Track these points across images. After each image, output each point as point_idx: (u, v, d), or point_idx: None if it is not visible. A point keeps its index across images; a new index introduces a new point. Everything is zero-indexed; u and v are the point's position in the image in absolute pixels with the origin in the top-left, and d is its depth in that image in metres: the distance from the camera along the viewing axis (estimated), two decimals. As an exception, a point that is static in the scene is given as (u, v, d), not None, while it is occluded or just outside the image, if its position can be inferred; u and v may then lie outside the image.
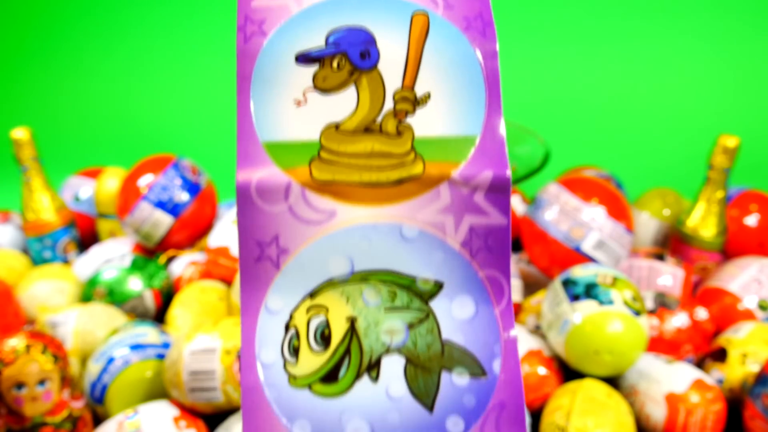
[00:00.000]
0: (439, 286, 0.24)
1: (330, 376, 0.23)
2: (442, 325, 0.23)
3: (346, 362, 0.23)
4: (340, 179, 0.23)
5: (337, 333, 0.23)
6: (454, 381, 0.23)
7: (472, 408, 0.23)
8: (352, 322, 0.23)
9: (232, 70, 0.25)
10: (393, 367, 0.23)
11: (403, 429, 0.23)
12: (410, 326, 0.23)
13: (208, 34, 1.16)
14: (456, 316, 0.23)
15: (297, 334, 0.23)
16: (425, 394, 0.23)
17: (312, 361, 0.23)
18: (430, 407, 0.23)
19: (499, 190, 0.24)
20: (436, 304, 0.24)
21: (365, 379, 0.23)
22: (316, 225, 0.23)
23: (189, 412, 0.45)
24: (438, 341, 0.23)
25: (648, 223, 0.69)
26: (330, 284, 0.24)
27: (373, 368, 0.23)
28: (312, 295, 0.24)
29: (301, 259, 0.23)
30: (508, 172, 0.23)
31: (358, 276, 0.24)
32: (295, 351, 0.23)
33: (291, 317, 0.23)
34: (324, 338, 0.23)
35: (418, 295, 0.24)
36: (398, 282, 0.24)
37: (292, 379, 0.23)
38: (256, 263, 0.23)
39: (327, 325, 0.23)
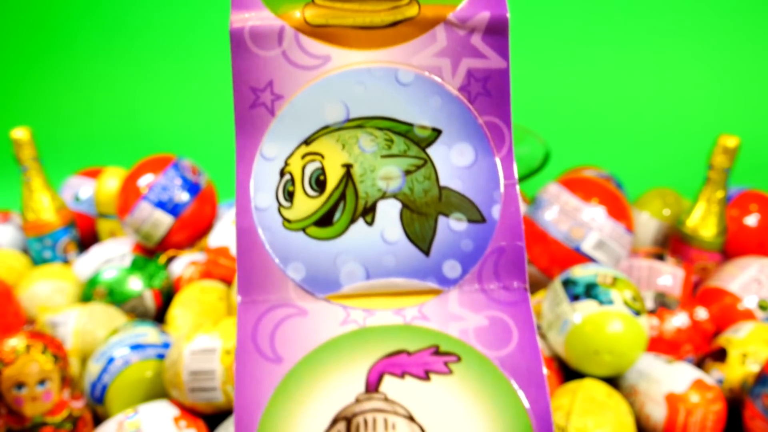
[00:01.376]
0: (437, 133, 0.23)
1: (324, 219, 0.23)
2: (440, 171, 0.23)
3: (341, 207, 0.23)
4: (334, 23, 0.23)
5: (333, 179, 0.23)
6: (452, 226, 0.23)
7: (470, 252, 0.23)
8: (348, 168, 0.23)
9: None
10: (389, 211, 0.23)
11: (398, 272, 0.22)
12: (407, 172, 0.23)
13: (208, 34, 1.16)
14: (455, 163, 0.23)
15: (292, 180, 0.23)
16: (421, 238, 0.23)
17: (307, 205, 0.23)
18: (427, 251, 0.23)
19: (497, 32, 0.23)
20: (434, 151, 0.23)
21: (360, 222, 0.23)
22: (310, 70, 0.23)
23: (189, 412, 0.45)
24: (435, 187, 0.23)
25: (648, 223, 0.69)
26: (325, 131, 0.23)
27: (368, 212, 0.23)
28: (307, 141, 0.23)
29: (296, 104, 0.23)
30: (506, 13, 0.23)
31: (353, 122, 0.23)
32: (289, 195, 0.23)
33: (286, 163, 0.23)
34: (319, 183, 0.23)
35: (416, 142, 0.23)
36: (395, 129, 0.23)
37: (287, 222, 0.23)
38: (250, 110, 0.23)
39: (322, 171, 0.23)
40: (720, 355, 0.52)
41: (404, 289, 0.23)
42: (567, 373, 0.51)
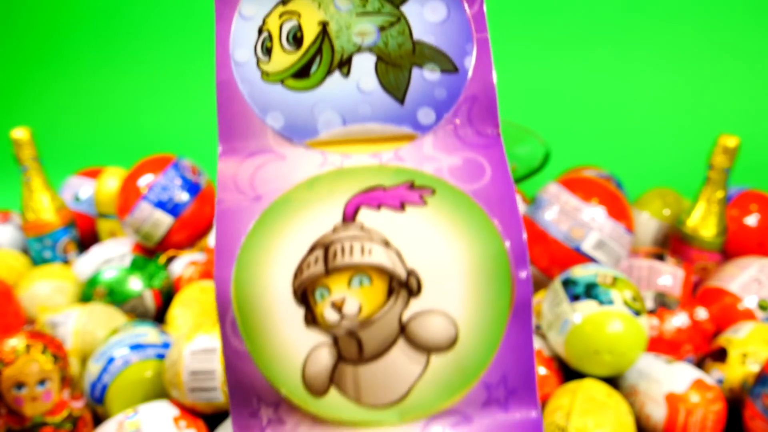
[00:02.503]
0: None
1: (302, 72, 0.24)
2: (413, 27, 0.24)
3: (318, 60, 0.24)
4: None
5: (309, 35, 0.24)
6: (425, 76, 0.23)
7: (443, 100, 0.23)
8: (324, 25, 0.24)
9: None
10: (364, 63, 0.23)
11: (374, 119, 0.23)
12: (381, 29, 0.23)
13: (208, 34, 1.16)
14: (428, 19, 0.24)
15: (270, 37, 0.24)
16: (396, 88, 0.23)
17: (284, 59, 0.24)
18: (401, 99, 0.23)
19: None
20: (407, 8, 0.24)
21: (336, 74, 0.24)
22: None
23: (189, 412, 0.45)
24: (409, 41, 0.24)
25: (648, 223, 0.69)
26: None
27: (344, 65, 0.24)
28: (284, 1, 0.24)
29: None
30: None
31: None
32: (267, 51, 0.24)
33: (264, 22, 0.24)
34: (296, 40, 0.24)
35: (389, 0, 0.24)
36: None
37: (265, 75, 0.24)
38: None
39: (299, 28, 0.24)
40: (720, 355, 0.52)
41: (380, 135, 0.23)
42: (567, 373, 0.51)
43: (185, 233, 0.66)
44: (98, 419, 0.49)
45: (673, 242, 0.66)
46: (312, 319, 0.21)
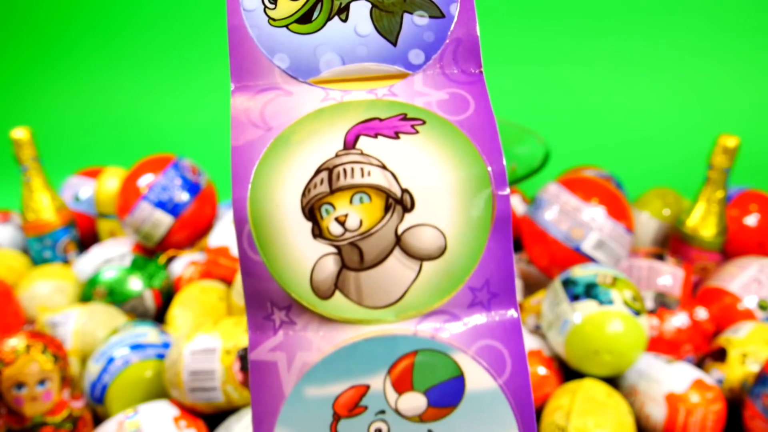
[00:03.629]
0: None
1: (304, 18, 0.26)
2: None
3: (319, 7, 0.26)
4: None
5: None
6: (415, 21, 0.26)
7: (432, 42, 0.26)
8: None
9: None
10: (360, 10, 0.26)
11: (370, 59, 0.26)
12: None
13: (209, 34, 1.16)
14: None
15: None
16: (389, 32, 0.26)
17: (288, 6, 0.26)
18: (394, 42, 0.26)
19: None
20: None
21: (336, 20, 0.26)
22: None
23: (189, 412, 0.45)
24: None
25: (648, 223, 0.69)
26: None
27: (342, 11, 0.26)
28: None
29: None
30: None
31: None
32: (273, 0, 0.26)
33: None
34: None
35: None
36: None
37: (272, 20, 0.26)
38: None
39: None
40: (720, 355, 0.52)
41: (375, 74, 0.26)
42: (567, 373, 0.51)
43: (185, 233, 0.66)
44: (98, 419, 0.49)
45: (673, 242, 0.66)
46: (318, 232, 0.24)
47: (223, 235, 0.64)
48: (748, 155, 0.73)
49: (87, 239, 0.75)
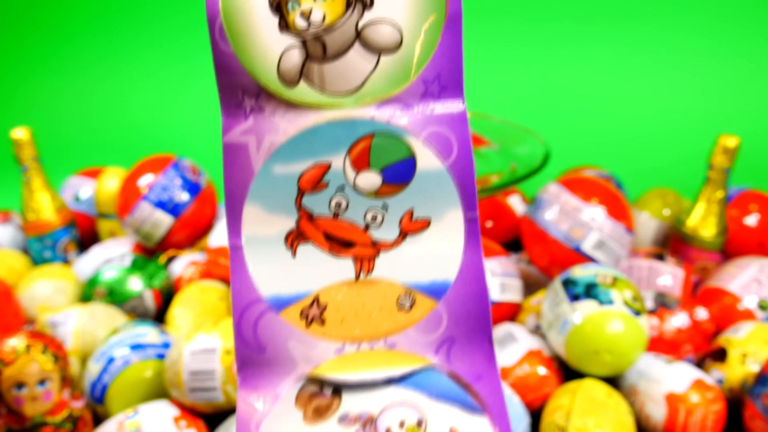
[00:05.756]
0: None
1: None
2: None
3: None
4: None
5: None
6: None
7: None
8: None
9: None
10: None
11: None
12: None
13: (209, 34, 1.16)
14: None
15: None
16: None
17: None
18: None
19: None
20: None
21: None
22: None
23: (189, 412, 0.45)
24: None
25: (648, 223, 0.69)
26: None
27: None
28: None
29: None
30: None
31: None
32: None
33: None
34: None
35: None
36: None
37: None
38: None
39: None
40: (720, 355, 0.52)
41: None
42: (567, 373, 0.51)
43: (185, 233, 0.66)
44: (98, 419, 0.49)
45: (673, 242, 0.66)
46: (285, 25, 0.26)
47: (223, 235, 0.64)
48: (748, 155, 0.73)
49: (87, 239, 0.75)
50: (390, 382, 0.28)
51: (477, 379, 0.28)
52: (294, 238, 0.28)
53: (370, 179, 0.27)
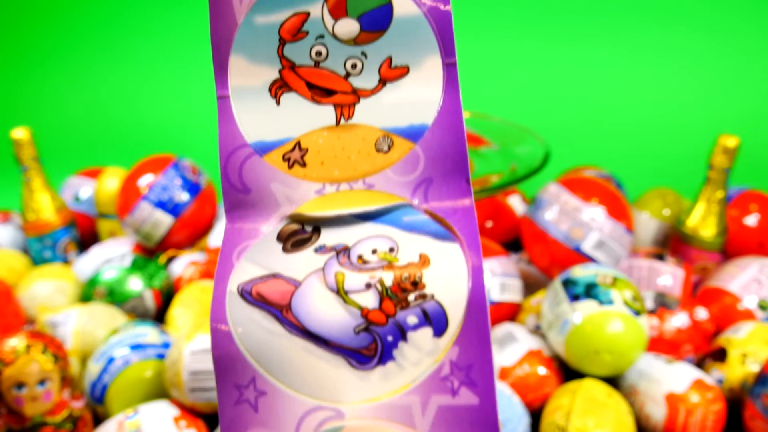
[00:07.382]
0: None
1: None
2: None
3: None
4: None
5: None
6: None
7: None
8: None
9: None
10: None
11: None
12: None
13: (208, 35, 1.16)
14: None
15: None
16: None
17: None
18: None
19: None
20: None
21: None
22: None
23: (189, 412, 0.45)
24: None
25: (648, 223, 0.69)
26: None
27: None
28: None
29: None
30: None
31: None
32: None
33: None
34: None
35: None
36: None
37: None
38: None
39: None
40: (720, 355, 0.52)
41: None
42: (567, 373, 0.51)
43: (185, 233, 0.66)
44: (98, 419, 0.49)
45: (673, 242, 0.66)
46: None
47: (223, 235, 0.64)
48: (748, 155, 0.73)
49: (87, 239, 0.75)
50: (366, 218, 0.28)
51: (452, 213, 0.28)
52: (278, 88, 0.28)
53: (349, 26, 0.28)
